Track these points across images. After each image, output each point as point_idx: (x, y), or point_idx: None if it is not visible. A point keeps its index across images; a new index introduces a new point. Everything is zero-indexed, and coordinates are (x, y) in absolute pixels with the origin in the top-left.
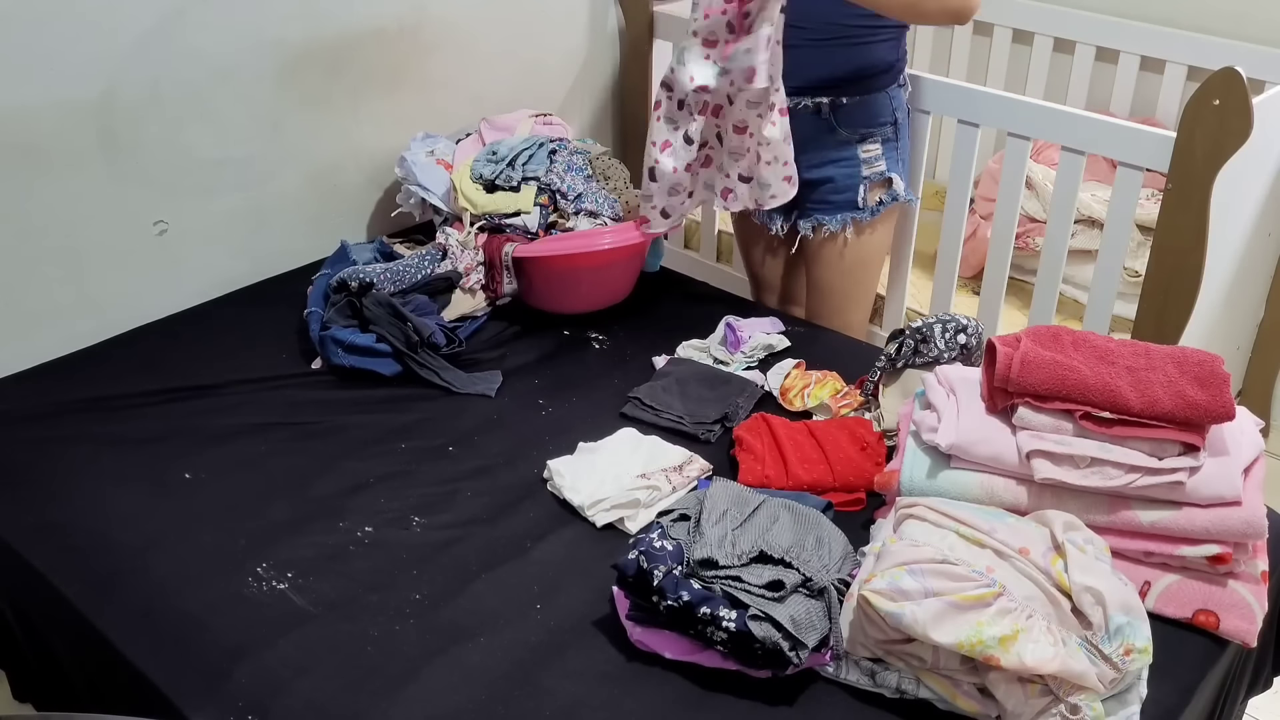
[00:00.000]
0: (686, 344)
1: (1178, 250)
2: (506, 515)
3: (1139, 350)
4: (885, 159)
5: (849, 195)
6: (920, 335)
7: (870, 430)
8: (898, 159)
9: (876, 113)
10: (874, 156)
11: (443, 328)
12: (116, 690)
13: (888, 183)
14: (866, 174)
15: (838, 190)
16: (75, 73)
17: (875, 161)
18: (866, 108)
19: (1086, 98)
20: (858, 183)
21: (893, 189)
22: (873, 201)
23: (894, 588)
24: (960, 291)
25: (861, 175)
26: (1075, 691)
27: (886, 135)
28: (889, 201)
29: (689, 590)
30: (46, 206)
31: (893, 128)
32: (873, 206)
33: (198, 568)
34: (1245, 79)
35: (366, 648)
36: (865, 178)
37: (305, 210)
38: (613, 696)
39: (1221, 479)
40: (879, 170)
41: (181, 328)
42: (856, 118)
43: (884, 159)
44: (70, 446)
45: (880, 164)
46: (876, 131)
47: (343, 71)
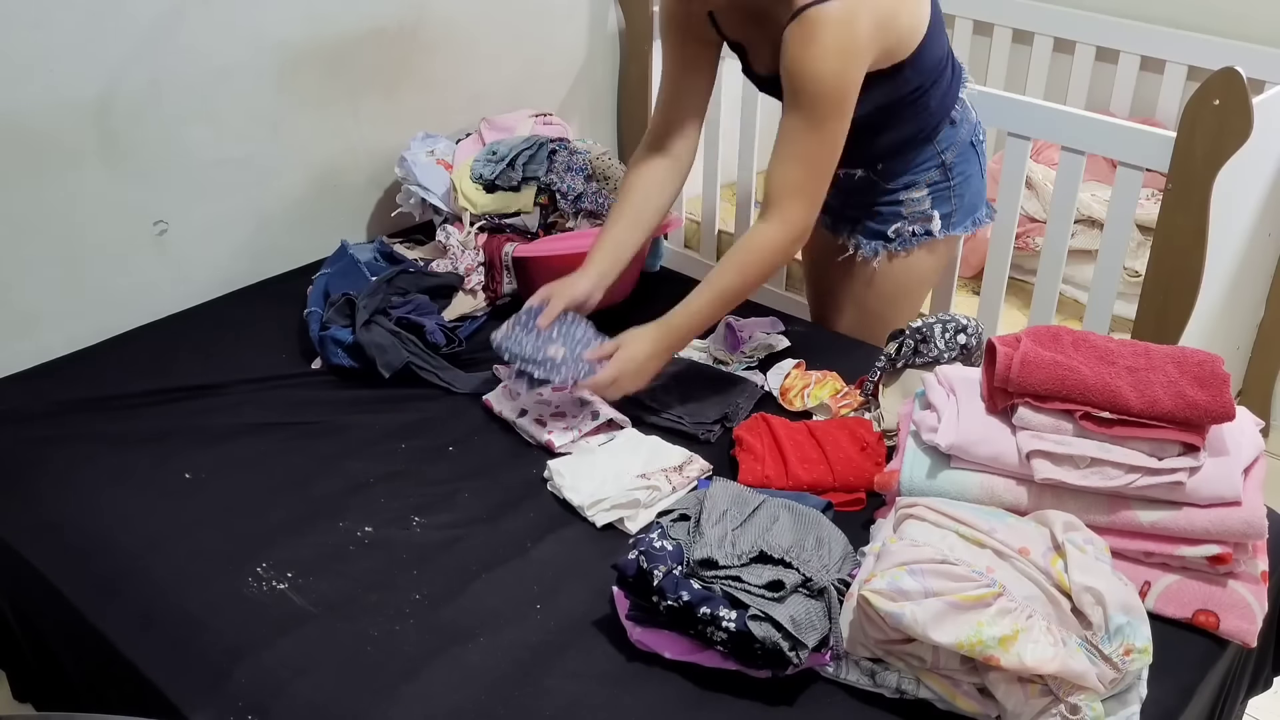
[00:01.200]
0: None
1: (1178, 250)
2: (506, 515)
3: (1139, 350)
4: (931, 198)
5: (885, 227)
6: (920, 335)
7: (870, 430)
8: (949, 195)
9: (919, 162)
10: (917, 199)
11: (442, 327)
12: (116, 690)
13: (926, 219)
14: (906, 214)
15: (880, 221)
16: (75, 73)
17: (919, 203)
18: (907, 162)
19: (1086, 98)
20: (898, 219)
21: (928, 225)
22: (906, 233)
23: (894, 588)
24: (960, 291)
25: (901, 214)
26: (1075, 691)
27: (932, 179)
28: (922, 235)
29: (689, 590)
30: (46, 206)
31: (940, 170)
32: (905, 237)
33: (198, 568)
34: (1245, 79)
35: (366, 648)
36: (904, 216)
37: (305, 210)
38: (613, 696)
39: (1221, 479)
40: (921, 210)
41: (181, 328)
42: (898, 170)
43: (929, 199)
44: (70, 446)
45: (924, 204)
46: (920, 178)
47: (343, 71)
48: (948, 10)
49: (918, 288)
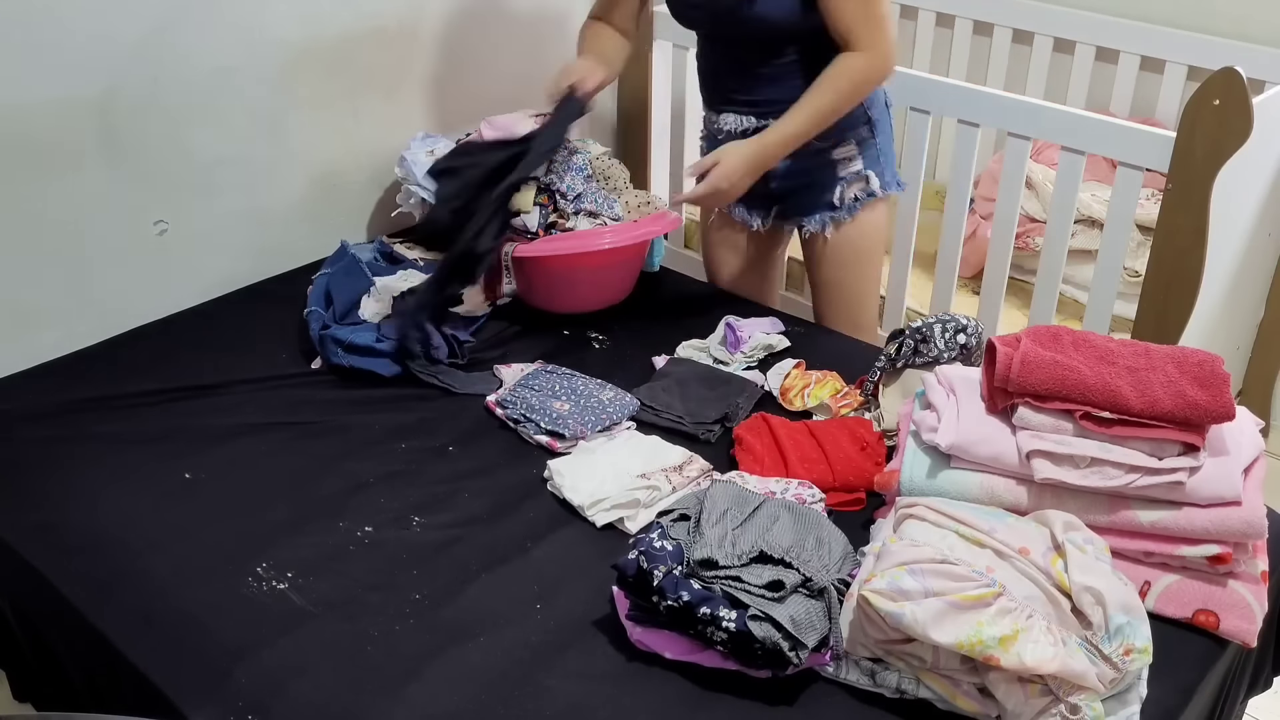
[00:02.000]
0: (686, 344)
1: (1178, 250)
2: (506, 515)
3: (1139, 350)
4: (862, 158)
5: (826, 196)
6: (920, 335)
7: (870, 430)
8: (876, 154)
9: (847, 120)
10: (848, 157)
11: (452, 338)
12: (116, 690)
13: (865, 180)
14: (843, 174)
15: (815, 192)
16: (75, 72)
17: (851, 162)
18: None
19: (1086, 98)
20: (834, 183)
21: (869, 186)
22: (849, 199)
23: (894, 588)
24: (960, 291)
25: (838, 176)
26: (1075, 691)
27: (861, 136)
28: (865, 198)
29: (689, 590)
30: (46, 206)
31: (867, 126)
32: (849, 204)
33: (198, 568)
34: (1245, 79)
35: (366, 648)
36: (841, 178)
37: (305, 210)
38: (613, 696)
39: (1221, 479)
40: (855, 170)
41: (181, 328)
42: (827, 128)
43: (860, 158)
44: (70, 446)
45: (856, 164)
46: (850, 135)
47: (343, 71)
48: (948, 10)
49: (872, 250)
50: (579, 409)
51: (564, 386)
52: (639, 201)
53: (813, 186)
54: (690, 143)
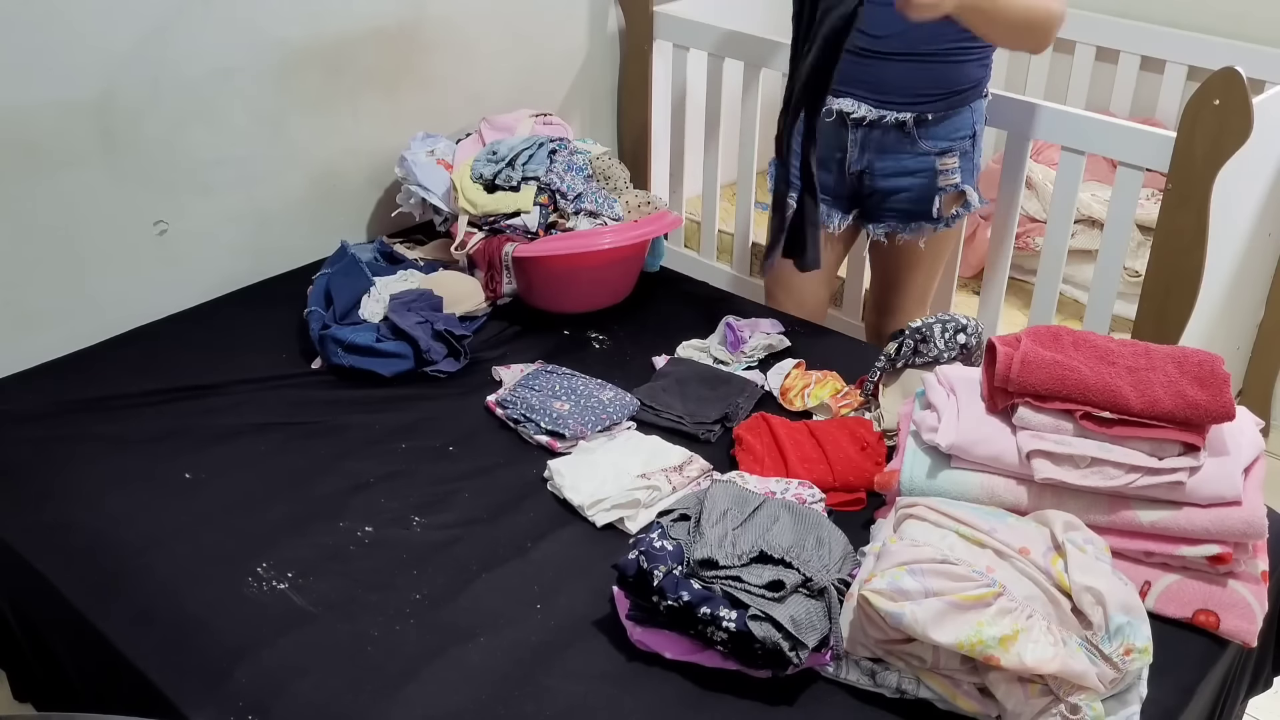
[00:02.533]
0: (686, 344)
1: (1178, 250)
2: (506, 515)
3: (1139, 350)
4: (961, 171)
5: (924, 206)
6: (920, 335)
7: (870, 430)
8: (972, 169)
9: (958, 126)
10: (951, 169)
11: (450, 335)
12: (116, 690)
13: (961, 195)
14: (942, 185)
15: (912, 200)
16: (75, 72)
17: (951, 174)
18: (950, 122)
19: (1086, 98)
20: (933, 193)
21: (966, 201)
22: (948, 213)
23: (894, 588)
24: (960, 291)
25: (937, 187)
26: (1075, 691)
27: (965, 149)
28: (963, 213)
29: (689, 590)
30: (46, 206)
31: (970, 140)
32: (947, 218)
33: (198, 568)
34: (1245, 79)
35: (366, 648)
36: (940, 189)
37: (305, 210)
38: (613, 696)
39: (1221, 479)
40: (954, 183)
41: (181, 328)
42: (939, 132)
43: (959, 171)
44: (70, 446)
45: (956, 176)
46: (956, 145)
47: (343, 71)
48: None
49: (949, 260)
50: (579, 409)
51: (564, 386)
52: (639, 201)
53: (910, 194)
54: (691, 142)
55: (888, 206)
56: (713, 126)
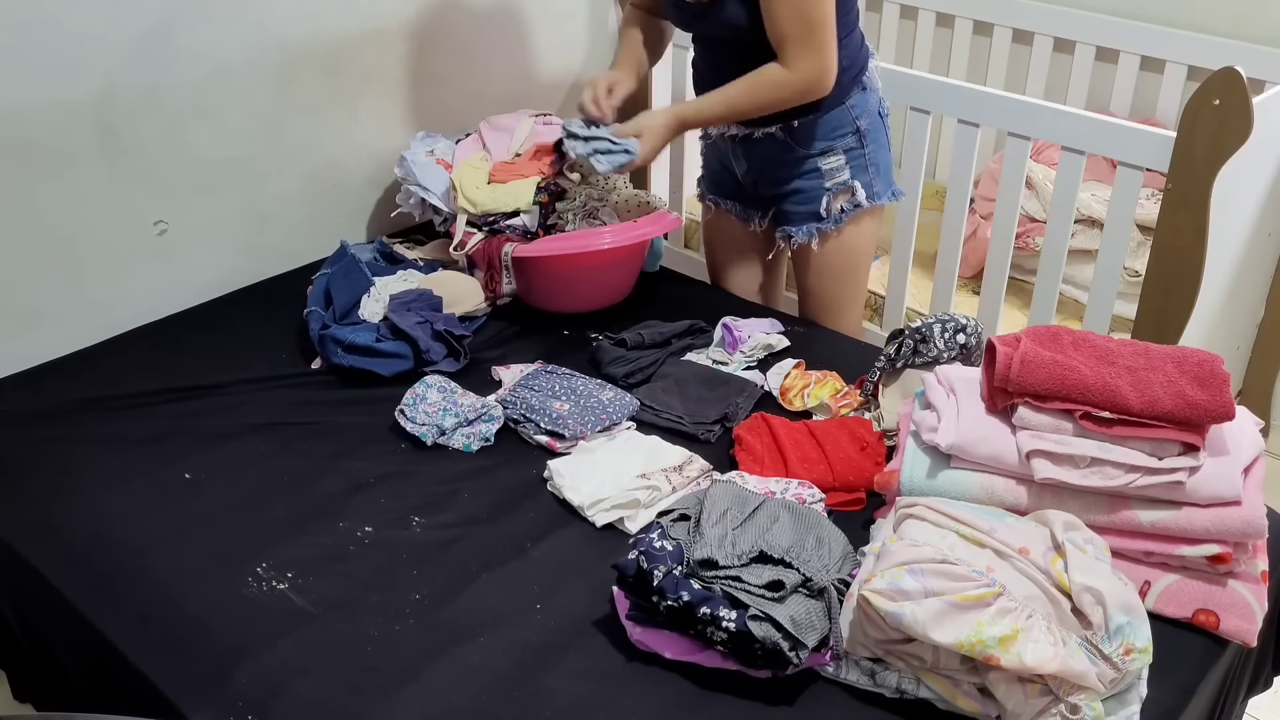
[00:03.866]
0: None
1: (1178, 250)
2: (506, 515)
3: (1139, 350)
4: (849, 168)
5: (813, 206)
6: (920, 335)
7: (870, 430)
8: (865, 164)
9: (835, 127)
10: (835, 168)
11: (449, 335)
12: (116, 690)
13: (851, 191)
14: (829, 185)
15: (802, 201)
16: (75, 73)
17: (837, 172)
18: (823, 125)
19: (1086, 98)
20: (821, 194)
21: (855, 197)
22: (835, 210)
23: (894, 588)
24: (960, 291)
25: (824, 186)
26: (1075, 691)
27: (848, 145)
28: (851, 209)
29: (689, 590)
30: (46, 206)
31: (855, 136)
32: (836, 215)
33: (198, 568)
34: (1245, 79)
35: (366, 648)
36: (828, 189)
37: (305, 210)
38: (613, 696)
39: (1221, 479)
40: (841, 180)
41: (181, 328)
42: (814, 134)
43: (847, 168)
44: (70, 446)
45: (843, 174)
46: (836, 144)
47: (343, 71)
48: (948, 10)
49: (858, 262)
50: (579, 409)
51: (564, 386)
52: (639, 201)
53: (800, 195)
54: (690, 142)
55: (784, 210)
56: None
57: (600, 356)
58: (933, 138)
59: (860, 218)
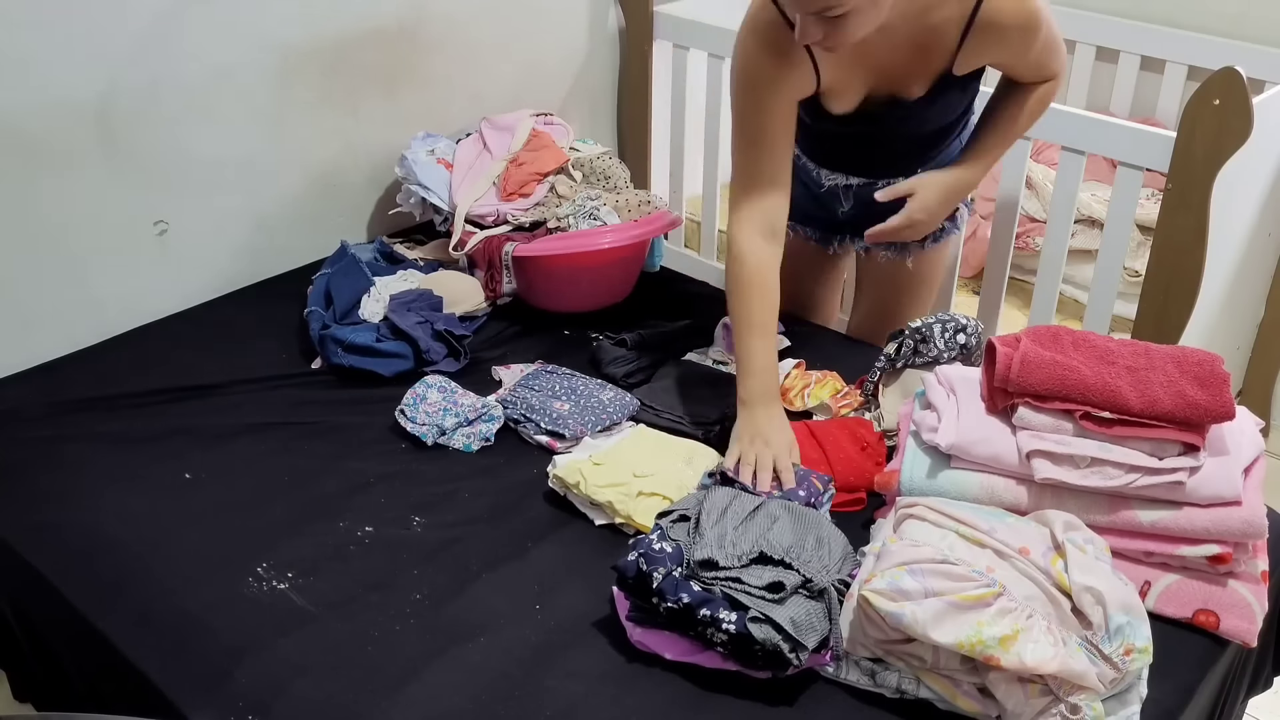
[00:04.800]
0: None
1: (1178, 250)
2: (506, 515)
3: (1139, 350)
4: None
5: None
6: (920, 335)
7: (870, 430)
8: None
9: (949, 155)
10: None
11: (450, 335)
12: (116, 690)
13: (952, 213)
14: None
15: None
16: (75, 72)
17: None
18: (944, 157)
19: (1086, 98)
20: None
21: (955, 217)
22: (936, 230)
23: (894, 588)
24: (960, 291)
25: None
26: (1075, 691)
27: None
28: (950, 230)
29: (689, 592)
30: (46, 206)
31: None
32: (935, 233)
33: (198, 568)
34: (1245, 79)
35: (366, 648)
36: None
37: (305, 210)
38: (613, 696)
39: (1221, 479)
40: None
41: (181, 328)
42: (931, 167)
43: None
44: (70, 446)
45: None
46: (946, 163)
47: (343, 71)
48: None
49: (938, 278)
50: (579, 409)
51: (564, 386)
52: (639, 201)
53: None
54: (691, 142)
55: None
56: (713, 126)
57: (600, 356)
58: None
59: (951, 237)
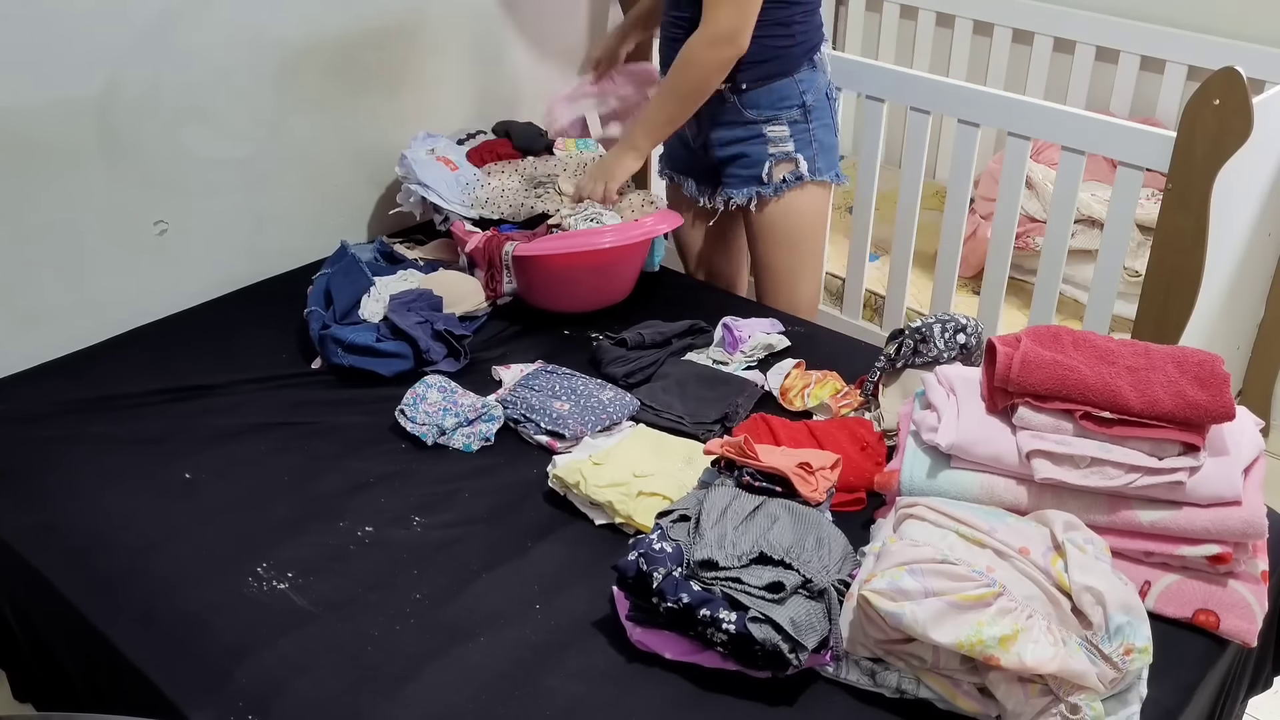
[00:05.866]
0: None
1: (1178, 250)
2: (506, 515)
3: (1139, 350)
4: (794, 140)
5: (755, 170)
6: (920, 335)
7: (870, 430)
8: (809, 139)
9: (782, 97)
10: (780, 137)
11: (450, 335)
12: (116, 690)
13: (794, 162)
14: (772, 152)
15: (746, 165)
16: (75, 72)
17: (782, 142)
18: (771, 93)
19: (1086, 98)
20: (764, 159)
21: (798, 168)
22: (777, 178)
23: (894, 588)
24: (960, 291)
25: (768, 153)
26: (1075, 691)
27: (794, 118)
28: (793, 180)
29: (689, 592)
30: (46, 206)
31: (800, 110)
32: (777, 183)
33: (198, 567)
34: (1245, 79)
35: (366, 648)
36: (771, 155)
37: (305, 210)
38: (613, 696)
39: (1221, 479)
40: (785, 150)
41: (181, 328)
42: (761, 101)
43: (792, 140)
44: (70, 446)
45: (788, 144)
46: (782, 114)
47: (343, 71)
48: (948, 10)
49: (805, 233)
50: (579, 409)
51: (564, 386)
52: (640, 201)
53: (743, 160)
54: None
55: (729, 174)
56: None
57: (600, 356)
58: (933, 138)
59: (804, 189)
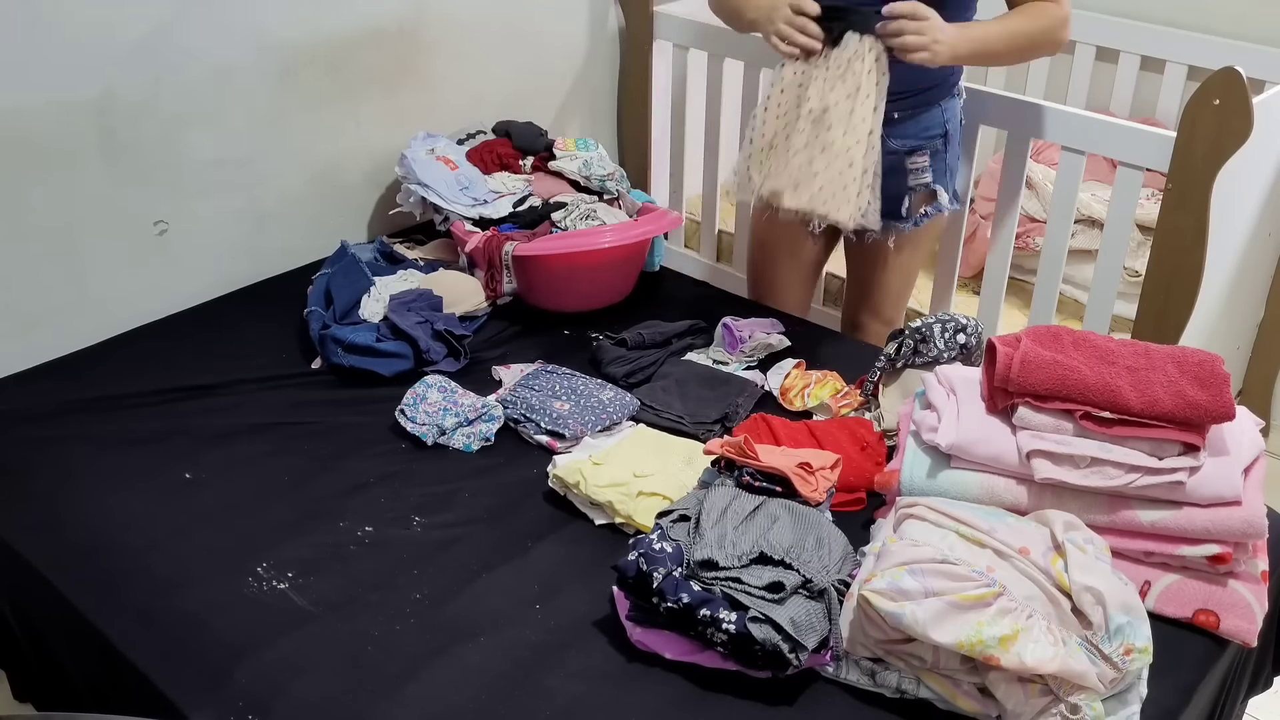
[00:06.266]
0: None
1: (1178, 250)
2: (506, 515)
3: (1139, 350)
4: (932, 170)
5: (893, 205)
6: (920, 335)
7: (870, 430)
8: (945, 169)
9: (927, 125)
10: (920, 168)
11: (450, 335)
12: (116, 690)
13: (932, 195)
14: (912, 184)
15: (884, 199)
16: (75, 72)
17: (922, 173)
18: (918, 120)
19: (1086, 98)
20: (903, 193)
21: (937, 202)
22: (916, 212)
23: (894, 588)
24: (960, 291)
25: (907, 186)
26: (1075, 691)
27: (935, 148)
28: (933, 214)
29: (689, 592)
30: (46, 206)
31: (942, 140)
32: (916, 217)
33: (198, 567)
34: (1245, 79)
35: (366, 648)
36: (911, 188)
37: (305, 210)
38: (613, 696)
39: (1221, 479)
40: (924, 182)
41: (181, 328)
42: (906, 130)
43: (930, 170)
44: (70, 446)
45: (926, 175)
46: (925, 144)
47: (343, 71)
48: None
49: (923, 259)
50: (579, 409)
51: (564, 386)
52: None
53: (884, 192)
54: (691, 142)
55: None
56: (713, 126)
57: (600, 356)
58: None
59: (935, 222)
